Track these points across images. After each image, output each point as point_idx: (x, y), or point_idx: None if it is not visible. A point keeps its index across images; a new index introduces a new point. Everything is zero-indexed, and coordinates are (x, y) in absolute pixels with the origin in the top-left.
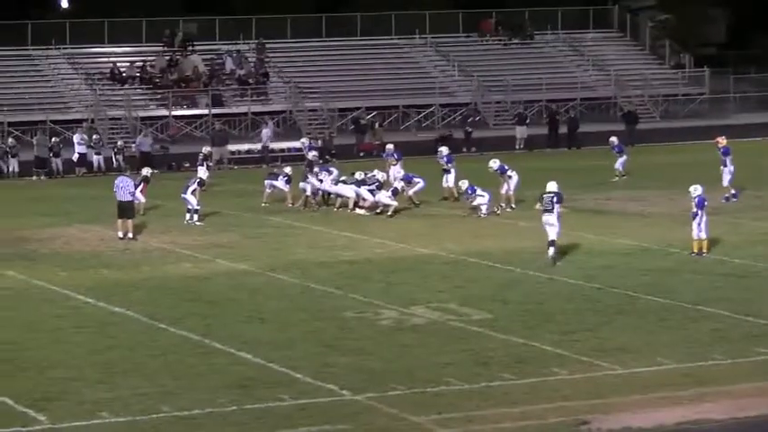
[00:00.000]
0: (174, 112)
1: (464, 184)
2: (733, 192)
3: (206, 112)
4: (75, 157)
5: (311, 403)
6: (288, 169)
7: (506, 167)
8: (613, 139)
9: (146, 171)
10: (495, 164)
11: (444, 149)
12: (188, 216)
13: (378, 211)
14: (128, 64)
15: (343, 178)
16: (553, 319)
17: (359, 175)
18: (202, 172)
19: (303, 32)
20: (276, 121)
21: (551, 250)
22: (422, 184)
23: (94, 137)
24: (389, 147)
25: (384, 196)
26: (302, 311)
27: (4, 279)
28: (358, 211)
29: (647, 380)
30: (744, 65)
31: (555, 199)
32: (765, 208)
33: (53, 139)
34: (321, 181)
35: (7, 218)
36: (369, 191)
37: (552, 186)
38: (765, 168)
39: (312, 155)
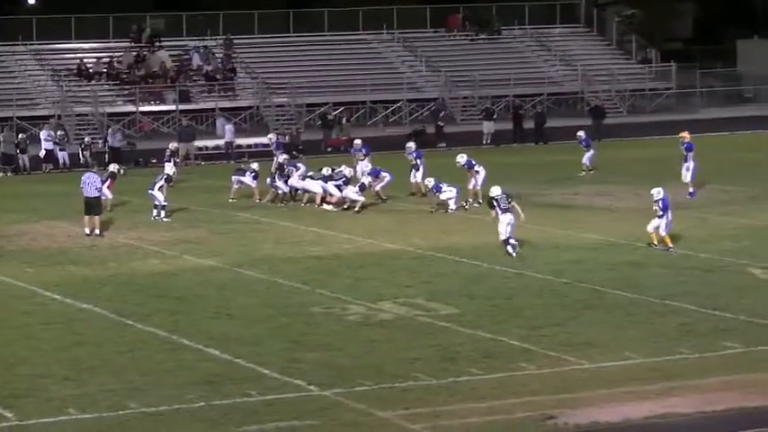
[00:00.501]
0: (142, 108)
1: (430, 182)
2: (691, 190)
3: (173, 107)
4: (42, 153)
5: (279, 399)
6: (255, 165)
7: (474, 162)
8: (581, 133)
9: (113, 167)
10: (462, 159)
11: (412, 144)
12: (155, 212)
13: (345, 206)
14: (95, 60)
15: (310, 174)
16: (521, 314)
17: (326, 171)
18: (169, 168)
19: (270, 28)
20: (242, 117)
21: (510, 248)
22: (389, 178)
23: (59, 133)
24: (357, 142)
25: (351, 192)
26: (270, 307)
27: None
28: (325, 206)
29: (615, 374)
30: (710, 60)
31: (509, 199)
32: (731, 203)
33: (20, 136)
34: (287, 180)
35: None
36: (336, 186)
37: (497, 190)
38: (731, 163)
39: (283, 158)
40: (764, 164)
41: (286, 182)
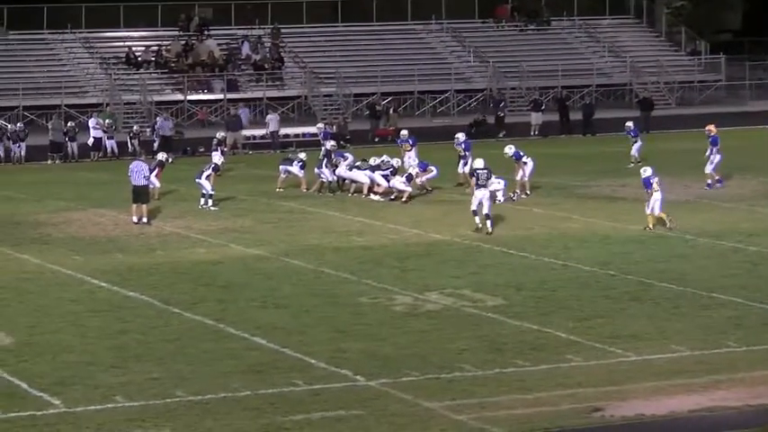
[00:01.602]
0: (190, 97)
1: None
2: (717, 178)
3: (221, 96)
4: (91, 141)
5: (325, 389)
6: (302, 155)
7: (521, 153)
8: (629, 123)
9: (161, 156)
10: (510, 150)
11: (461, 135)
12: (202, 201)
13: (392, 197)
14: (143, 48)
15: (357, 163)
16: (567, 306)
17: (373, 161)
18: (217, 157)
19: (319, 17)
20: (290, 107)
21: (489, 223)
22: (435, 172)
23: (107, 121)
24: (404, 132)
25: (398, 182)
26: (316, 297)
27: (19, 263)
28: (372, 196)
29: (661, 367)
30: (759, 52)
31: (488, 175)
32: None
33: (68, 124)
34: (334, 170)
35: (22, 202)
36: (383, 176)
37: (480, 163)
38: None
39: (330, 144)
40: None
41: (333, 171)
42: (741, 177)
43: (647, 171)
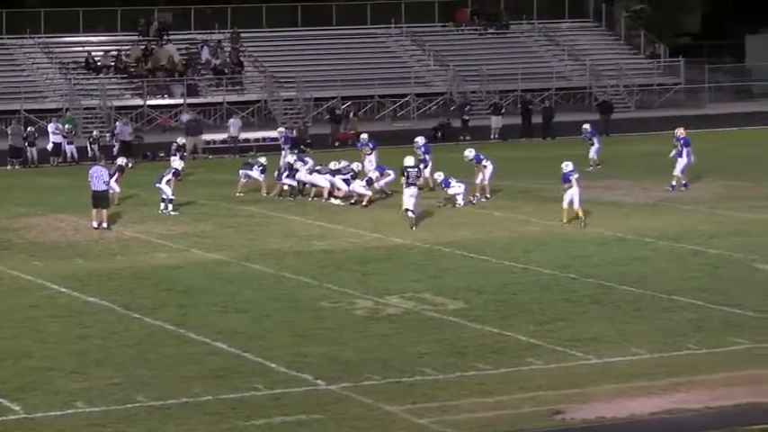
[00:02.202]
0: (149, 102)
1: (439, 176)
2: (684, 182)
3: (181, 101)
4: (50, 146)
5: (286, 393)
6: (263, 159)
7: (482, 157)
8: (586, 126)
9: (121, 160)
10: (470, 153)
11: (420, 139)
12: (162, 206)
13: (352, 201)
14: (102, 53)
15: (317, 168)
16: (528, 309)
17: (333, 165)
18: (177, 163)
19: (278, 22)
20: (250, 111)
21: (411, 216)
22: (392, 176)
23: (67, 126)
24: (364, 136)
25: (359, 186)
26: (277, 301)
27: None
28: (332, 201)
29: (622, 370)
30: (718, 55)
31: (417, 173)
32: (739, 198)
33: (28, 129)
34: (295, 175)
35: None
36: (343, 180)
37: (410, 161)
38: (739, 158)
39: (292, 158)
40: None
41: (294, 176)
42: (701, 180)
43: (568, 166)
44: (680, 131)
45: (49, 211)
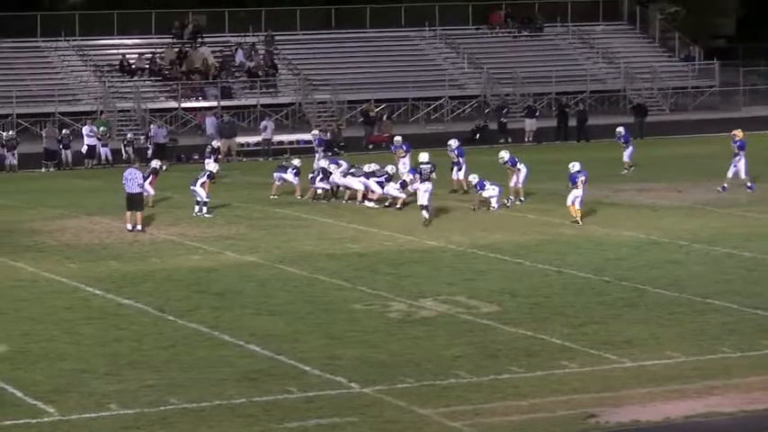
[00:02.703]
0: (184, 105)
1: (474, 178)
2: (749, 184)
3: (215, 104)
4: (84, 148)
5: (319, 396)
6: (296, 161)
7: (516, 159)
8: (620, 129)
9: (155, 163)
10: (505, 155)
11: (454, 142)
12: (197, 208)
13: (386, 203)
14: (137, 56)
15: (351, 170)
16: (562, 312)
17: (368, 168)
18: (212, 165)
19: (312, 24)
20: (284, 114)
21: (425, 213)
22: None
23: (101, 129)
24: (397, 139)
25: (393, 188)
26: (310, 304)
27: (14, 271)
28: (366, 203)
29: (656, 373)
30: (754, 57)
31: (431, 169)
32: None
33: (62, 131)
34: (329, 177)
35: (17, 210)
36: (377, 183)
37: (425, 157)
38: None
39: (325, 162)
40: None
41: (327, 179)
42: (735, 183)
43: (575, 167)
44: (736, 133)
45: (84, 214)
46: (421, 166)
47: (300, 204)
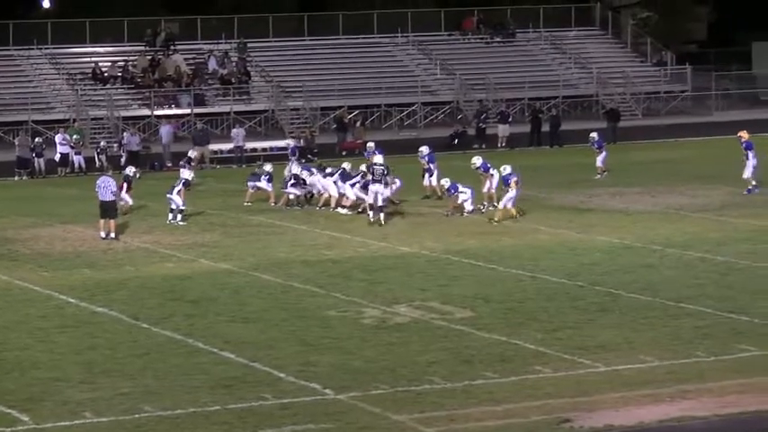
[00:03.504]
0: (157, 112)
1: (446, 182)
2: (755, 183)
3: (188, 111)
4: (57, 157)
5: (294, 402)
6: (268, 167)
7: (489, 165)
8: (593, 134)
9: (128, 171)
10: (478, 161)
11: (425, 148)
12: (171, 216)
13: (360, 210)
14: (109, 64)
15: (329, 170)
16: (535, 318)
17: (347, 165)
18: (187, 173)
19: (285, 32)
20: (257, 121)
21: (381, 215)
22: (399, 183)
23: (74, 137)
24: (370, 145)
25: (356, 190)
26: (285, 311)
27: None
28: (339, 210)
29: (630, 378)
30: (725, 62)
31: (385, 171)
32: (748, 205)
33: (36, 140)
34: (304, 184)
35: None
36: (355, 185)
37: (379, 159)
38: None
39: (297, 169)
40: None
41: (300, 186)
42: (708, 187)
43: (506, 169)
44: (742, 135)
45: (57, 222)
46: (374, 167)
47: (274, 211)
